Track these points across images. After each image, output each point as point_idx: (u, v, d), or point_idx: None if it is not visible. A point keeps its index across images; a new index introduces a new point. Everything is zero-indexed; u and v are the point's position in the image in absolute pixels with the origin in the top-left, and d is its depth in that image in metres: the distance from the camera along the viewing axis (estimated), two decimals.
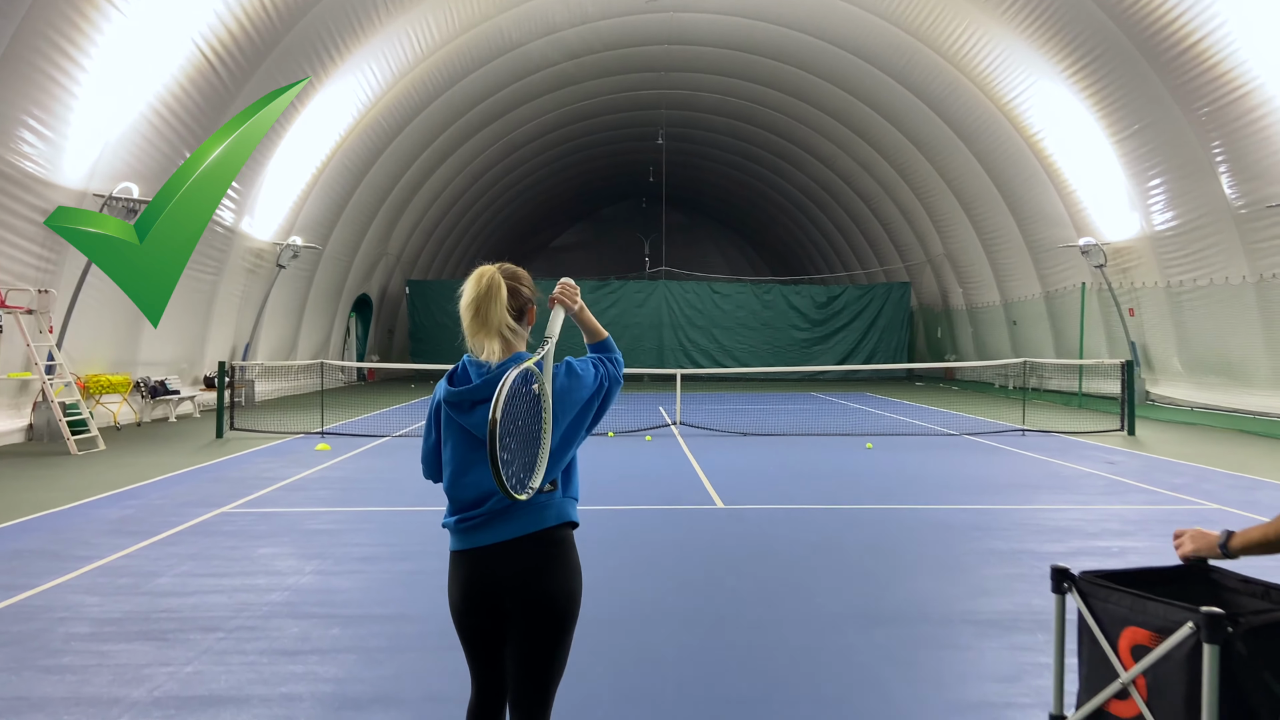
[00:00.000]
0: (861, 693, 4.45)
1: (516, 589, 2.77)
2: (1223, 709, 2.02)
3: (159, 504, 9.35)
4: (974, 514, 8.94)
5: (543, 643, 2.80)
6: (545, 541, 2.77)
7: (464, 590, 2.85)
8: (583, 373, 2.86)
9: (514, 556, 2.74)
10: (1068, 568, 2.39)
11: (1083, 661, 2.36)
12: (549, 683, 2.83)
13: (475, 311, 2.77)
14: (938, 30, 22.44)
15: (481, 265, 2.87)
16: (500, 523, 2.76)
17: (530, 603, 2.77)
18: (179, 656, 4.93)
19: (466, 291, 2.80)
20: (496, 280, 2.80)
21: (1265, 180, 16.80)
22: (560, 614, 2.80)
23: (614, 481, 10.82)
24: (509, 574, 2.76)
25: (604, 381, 2.92)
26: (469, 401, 2.80)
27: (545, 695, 2.84)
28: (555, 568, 2.79)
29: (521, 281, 2.93)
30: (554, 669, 2.84)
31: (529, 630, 2.79)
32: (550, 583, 2.78)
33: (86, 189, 14.95)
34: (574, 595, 2.83)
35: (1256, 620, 2.05)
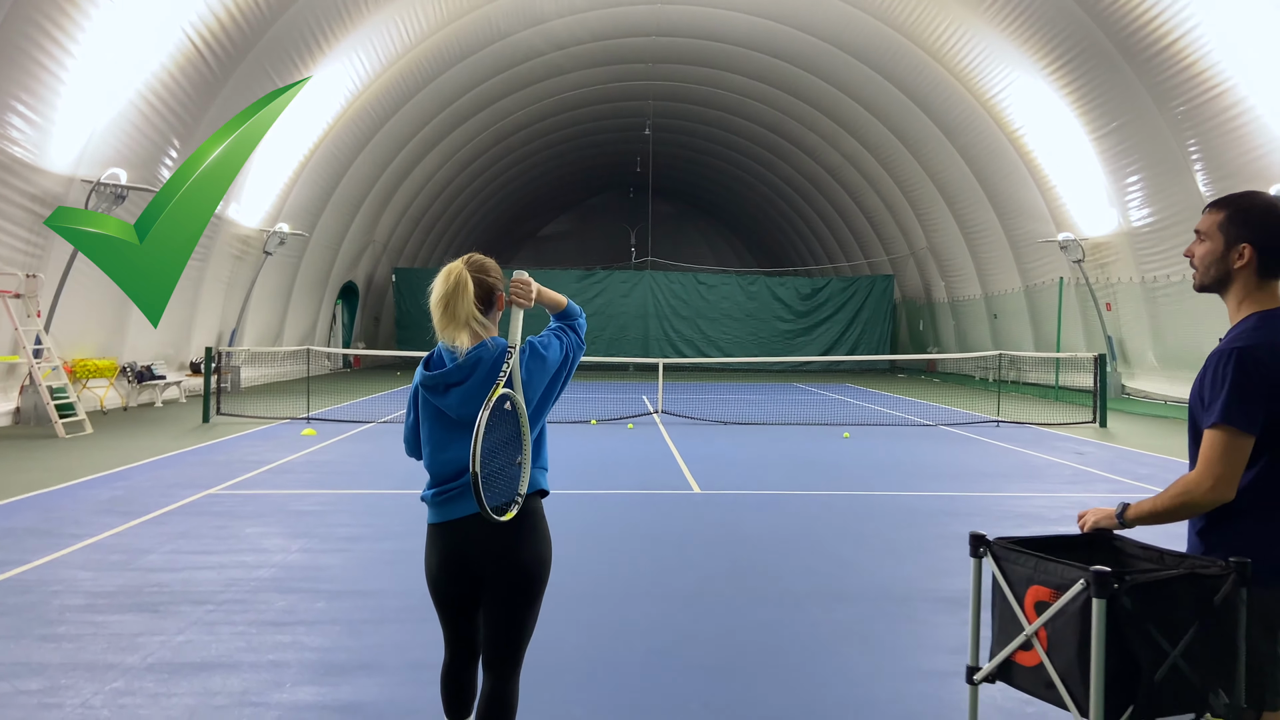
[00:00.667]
0: (820, 662, 4.72)
1: (491, 558, 3.01)
2: (1110, 657, 2.27)
3: (147, 486, 9.55)
4: (942, 500, 9.23)
5: (515, 607, 3.05)
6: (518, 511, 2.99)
7: (442, 560, 3.08)
8: (546, 351, 3.08)
9: (488, 526, 2.96)
10: (984, 534, 2.65)
11: (995, 617, 2.61)
12: (520, 643, 3.09)
13: (445, 308, 2.96)
14: (922, 26, 22.69)
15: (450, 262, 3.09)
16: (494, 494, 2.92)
17: (504, 570, 3.01)
18: (170, 627, 5.15)
19: (435, 289, 3.00)
20: (464, 277, 2.99)
21: (1239, 179, 17.12)
22: (531, 579, 3.04)
23: (595, 467, 11.07)
24: (483, 543, 3.00)
25: (568, 351, 3.16)
26: (443, 384, 3.02)
27: (517, 654, 3.10)
28: (527, 536, 3.03)
29: (488, 273, 3.12)
30: (525, 630, 3.09)
31: (503, 595, 3.03)
32: (523, 550, 3.02)
33: (74, 175, 15.06)
34: (544, 561, 3.08)
35: (1141, 578, 2.30)
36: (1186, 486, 2.49)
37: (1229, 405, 2.43)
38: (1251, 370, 2.43)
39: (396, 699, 4.20)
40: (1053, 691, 2.40)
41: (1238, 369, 2.44)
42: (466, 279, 3.00)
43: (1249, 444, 2.44)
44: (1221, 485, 2.44)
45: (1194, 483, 2.48)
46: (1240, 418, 2.42)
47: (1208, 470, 2.45)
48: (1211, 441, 2.46)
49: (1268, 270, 2.59)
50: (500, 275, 3.20)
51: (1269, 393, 2.44)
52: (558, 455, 11.88)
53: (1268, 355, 2.46)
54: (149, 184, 16.71)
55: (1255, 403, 2.42)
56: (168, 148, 17.14)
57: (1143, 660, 2.28)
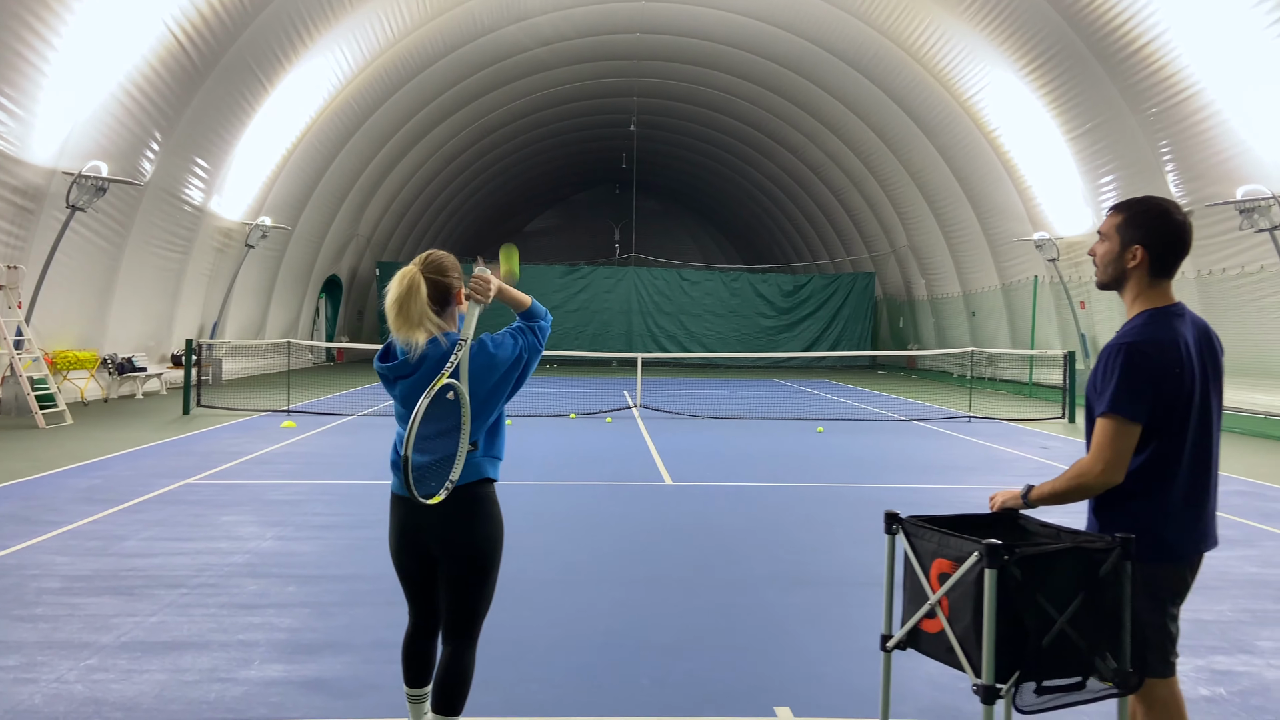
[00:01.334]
0: (773, 642, 4.92)
1: (439, 537, 3.23)
2: (1002, 624, 2.47)
3: (126, 475, 9.68)
4: (907, 492, 9.46)
5: (467, 584, 3.26)
6: (463, 495, 3.18)
7: (397, 532, 3.34)
8: (497, 350, 3.22)
9: (436, 507, 3.12)
10: (898, 512, 2.86)
11: (905, 589, 2.82)
12: (474, 616, 3.30)
13: (398, 310, 3.10)
14: (901, 26, 22.93)
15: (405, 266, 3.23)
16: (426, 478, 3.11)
17: (451, 549, 3.23)
18: (144, 608, 5.31)
19: (390, 292, 3.12)
20: (417, 280, 3.14)
21: (1206, 180, 17.44)
22: (480, 557, 3.24)
23: (570, 460, 11.25)
24: (432, 522, 3.21)
25: (523, 353, 3.29)
26: (392, 376, 3.25)
27: (472, 627, 3.31)
28: (473, 519, 3.22)
29: (445, 273, 3.26)
30: (479, 605, 3.30)
31: (454, 572, 3.25)
32: (469, 532, 3.22)
33: (55, 167, 15.12)
34: (492, 541, 3.27)
35: (1029, 550, 2.51)
36: (1080, 470, 2.71)
37: (1117, 396, 2.64)
38: (1139, 364, 2.65)
39: (360, 675, 4.37)
40: (953, 656, 2.61)
41: (1125, 363, 2.65)
42: (419, 281, 3.14)
43: (1136, 431, 2.65)
44: (1111, 469, 2.65)
45: (1087, 466, 2.69)
46: (1127, 407, 2.63)
47: (1099, 455, 2.67)
48: (1102, 429, 2.67)
49: (1158, 270, 2.80)
50: (459, 273, 3.34)
51: (1154, 385, 2.65)
52: (533, 448, 12.07)
53: (1154, 350, 2.67)
54: (130, 177, 16.78)
55: (1141, 394, 2.63)
56: (149, 140, 17.20)
57: (1030, 626, 2.48)
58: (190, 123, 18.16)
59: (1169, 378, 2.66)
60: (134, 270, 18.42)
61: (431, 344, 3.16)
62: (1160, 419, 2.68)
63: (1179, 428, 2.70)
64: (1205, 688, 4.39)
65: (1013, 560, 2.46)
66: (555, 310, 35.68)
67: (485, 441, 3.27)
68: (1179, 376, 2.67)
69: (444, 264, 3.28)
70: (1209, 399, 2.78)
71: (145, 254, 18.69)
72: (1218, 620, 5.45)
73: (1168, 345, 2.69)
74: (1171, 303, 2.81)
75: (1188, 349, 2.72)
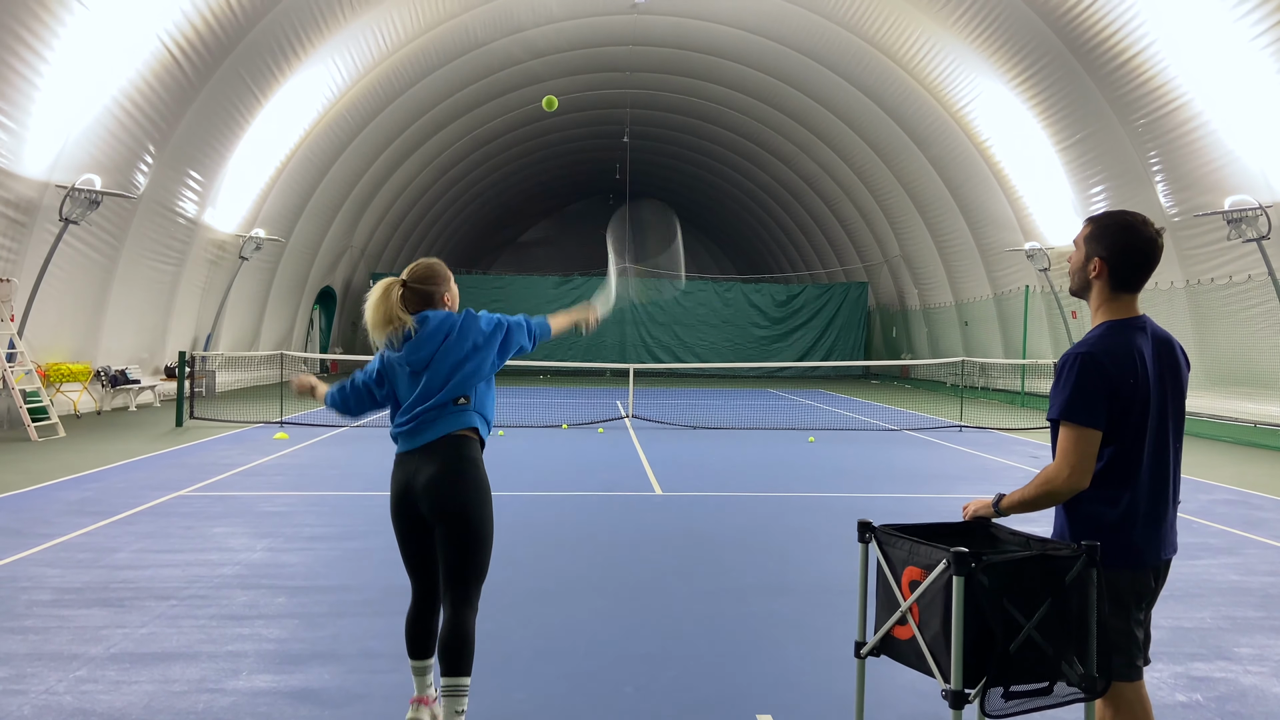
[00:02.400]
0: (755, 650, 4.97)
1: (428, 497, 3.51)
2: (970, 630, 2.53)
3: (118, 487, 9.70)
4: (894, 501, 9.52)
5: (456, 545, 3.51)
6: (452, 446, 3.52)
7: (395, 495, 3.63)
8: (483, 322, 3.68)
9: (429, 464, 3.51)
10: (870, 521, 2.91)
11: (878, 596, 2.88)
12: (468, 580, 3.54)
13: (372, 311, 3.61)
14: (892, 38, 23.09)
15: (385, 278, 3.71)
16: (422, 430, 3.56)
17: (439, 510, 3.50)
18: (134, 620, 5.34)
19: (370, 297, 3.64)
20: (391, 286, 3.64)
21: (1196, 190, 17.57)
22: (468, 520, 3.51)
23: (561, 470, 11.29)
24: (425, 479, 3.50)
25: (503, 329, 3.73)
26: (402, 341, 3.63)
27: (469, 590, 3.55)
28: (458, 480, 3.51)
29: (428, 282, 3.70)
30: (472, 569, 3.54)
31: (443, 534, 3.52)
32: (455, 492, 3.49)
33: (49, 180, 15.17)
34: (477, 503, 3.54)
35: (996, 558, 2.56)
36: (1047, 476, 2.78)
37: (1071, 403, 2.73)
38: (1092, 372, 2.73)
39: (347, 685, 4.41)
40: (923, 661, 2.66)
41: (1080, 372, 2.74)
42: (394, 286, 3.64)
43: (1096, 437, 2.73)
44: (1076, 474, 2.72)
45: (1053, 472, 2.76)
46: (1083, 414, 2.71)
47: (1063, 461, 2.74)
48: (1063, 436, 2.75)
49: (1118, 283, 2.87)
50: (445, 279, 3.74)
51: (1109, 393, 2.73)
52: (525, 459, 12.11)
53: (1108, 360, 2.75)
54: (124, 190, 16.83)
55: (1095, 401, 2.72)
56: (143, 153, 17.25)
57: (998, 632, 2.54)
58: (184, 135, 18.22)
59: (1123, 387, 2.74)
60: (127, 283, 18.45)
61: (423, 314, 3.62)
62: (1117, 427, 2.76)
63: (1136, 436, 2.78)
64: (1182, 694, 4.45)
65: (980, 568, 2.52)
66: None
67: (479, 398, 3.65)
68: (1133, 386, 2.75)
69: (427, 273, 3.71)
70: (1166, 409, 2.85)
71: (139, 266, 18.73)
72: (1198, 627, 5.50)
73: (1122, 355, 2.76)
74: (1133, 315, 2.89)
75: (1143, 359, 2.79)
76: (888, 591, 2.81)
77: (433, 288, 3.67)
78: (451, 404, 3.55)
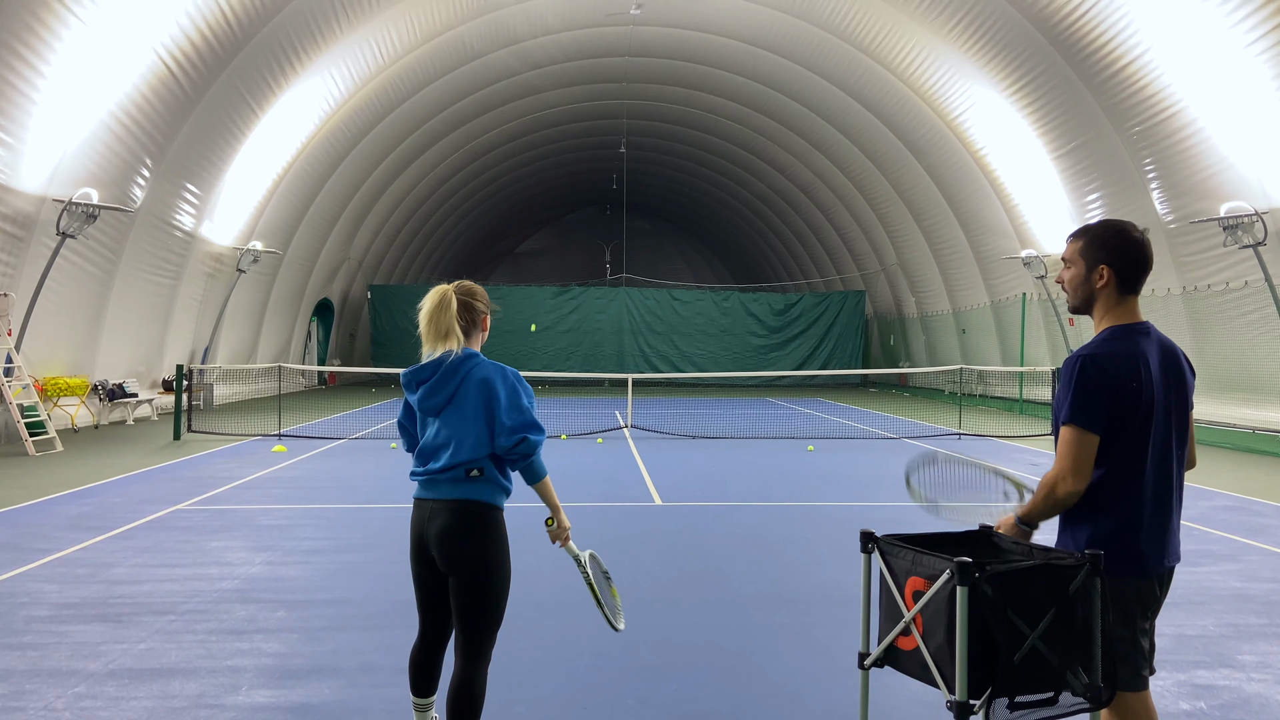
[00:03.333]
0: (756, 661, 4.95)
1: (441, 548, 3.43)
2: (974, 640, 2.52)
3: (116, 502, 9.67)
4: (892, 510, 9.50)
5: (469, 599, 3.43)
6: (464, 508, 3.42)
7: (412, 534, 3.55)
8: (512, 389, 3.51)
9: (440, 515, 3.43)
10: (873, 531, 2.90)
11: (881, 607, 2.86)
12: (478, 633, 3.44)
13: (429, 320, 3.46)
14: (887, 47, 23.17)
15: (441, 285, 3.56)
16: (436, 484, 3.48)
17: (451, 561, 3.43)
18: (133, 635, 5.32)
19: (424, 305, 3.49)
20: (449, 295, 3.50)
21: (1191, 196, 17.61)
22: (479, 575, 3.42)
23: (561, 480, 11.26)
24: (436, 530, 3.44)
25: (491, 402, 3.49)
26: (414, 381, 3.52)
27: (480, 644, 3.45)
28: (472, 535, 3.41)
29: (475, 297, 3.60)
30: (482, 623, 3.44)
31: (458, 586, 3.44)
32: (467, 546, 3.41)
33: (46, 194, 15.17)
34: (490, 559, 3.44)
35: (999, 567, 2.55)
36: (1046, 482, 2.78)
37: (1073, 406, 2.73)
38: (1094, 375, 2.74)
39: (347, 700, 4.39)
40: (928, 673, 2.65)
41: (1081, 374, 2.74)
42: (451, 297, 3.50)
43: (1094, 441, 2.73)
44: (1072, 476, 2.73)
45: (1051, 477, 2.77)
46: (1082, 417, 2.72)
47: (1060, 464, 2.75)
48: (1062, 438, 2.75)
49: (1125, 287, 2.88)
50: (487, 303, 3.67)
51: (1109, 397, 2.73)
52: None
53: (1110, 363, 2.75)
54: (121, 203, 16.83)
55: (1096, 404, 2.72)
56: (140, 167, 17.26)
57: (1002, 642, 2.53)
58: (181, 149, 18.24)
59: (1126, 391, 2.74)
60: (125, 296, 18.44)
61: (447, 354, 3.46)
62: (1120, 432, 2.75)
63: (1139, 442, 2.77)
64: (1186, 702, 4.43)
65: (983, 577, 2.51)
66: (547, 331, 35.91)
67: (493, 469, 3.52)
68: (1136, 391, 2.75)
69: (474, 290, 3.64)
70: (1170, 417, 2.85)
71: (136, 280, 18.71)
72: (1201, 635, 5.49)
73: (1126, 359, 2.77)
74: (1137, 320, 2.89)
75: (1148, 365, 2.80)
76: (891, 602, 2.80)
77: (480, 305, 3.60)
78: (465, 474, 3.42)
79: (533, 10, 24.37)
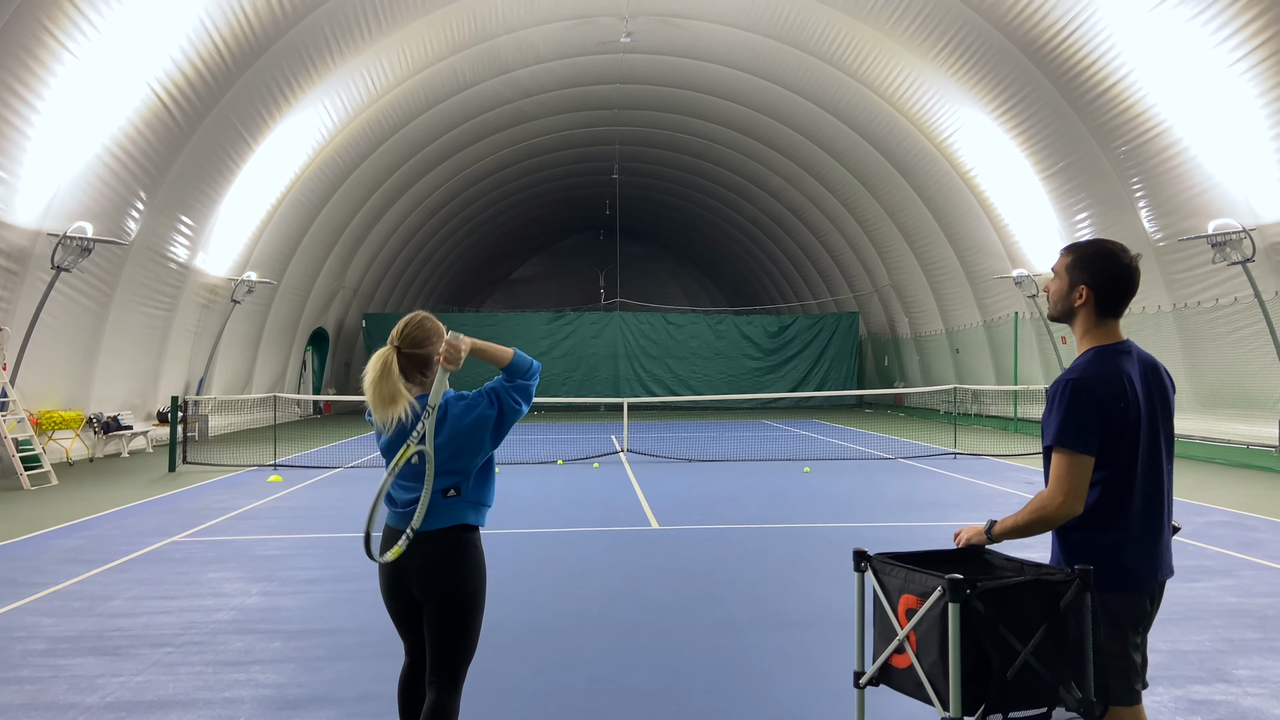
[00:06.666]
0: (755, 685, 4.95)
1: (419, 580, 3.32)
2: (967, 656, 2.55)
3: (111, 534, 9.64)
4: (890, 530, 9.52)
5: (447, 627, 3.33)
6: (442, 539, 3.29)
7: (384, 574, 3.42)
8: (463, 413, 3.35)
9: (418, 550, 3.26)
10: (865, 550, 2.93)
11: (875, 625, 2.89)
12: (456, 661, 3.35)
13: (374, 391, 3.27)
14: (875, 72, 23.39)
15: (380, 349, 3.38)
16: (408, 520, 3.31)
17: (430, 593, 3.32)
18: (129, 668, 5.31)
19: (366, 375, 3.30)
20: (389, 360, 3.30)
21: (1180, 215, 17.76)
22: (458, 603, 3.32)
23: (557, 506, 11.27)
24: (414, 565, 3.31)
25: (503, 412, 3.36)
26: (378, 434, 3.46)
27: (454, 672, 3.35)
28: (451, 564, 3.31)
29: (422, 345, 3.38)
30: (460, 650, 3.35)
31: (435, 614, 3.33)
32: (447, 576, 3.30)
33: (40, 229, 15.21)
34: (470, 586, 3.34)
35: (990, 584, 2.59)
36: (1041, 503, 2.80)
37: (1065, 429, 2.76)
38: (1084, 398, 2.77)
39: None
40: (922, 690, 2.67)
41: (1071, 398, 2.78)
42: (391, 360, 3.31)
43: (1089, 463, 2.76)
44: (1070, 499, 2.75)
45: (1047, 498, 2.79)
46: (1075, 440, 2.75)
47: (1057, 487, 2.76)
48: (1057, 462, 2.77)
49: (1104, 310, 2.92)
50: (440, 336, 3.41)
51: (1099, 418, 2.77)
52: (520, 495, 12.08)
53: (1098, 385, 2.79)
54: (115, 236, 16.88)
55: (1088, 426, 2.75)
56: (134, 200, 17.33)
57: (994, 658, 2.55)
58: (175, 181, 18.32)
59: (1114, 412, 2.78)
60: (119, 329, 18.45)
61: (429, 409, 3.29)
62: (1109, 451, 2.79)
63: (1128, 460, 2.81)
64: (1183, 717, 4.45)
65: (975, 594, 2.54)
66: (542, 357, 35.81)
67: (473, 487, 3.38)
68: (1124, 410, 2.79)
69: (420, 335, 3.39)
70: (1157, 432, 2.89)
71: (131, 312, 18.73)
72: (1197, 650, 5.50)
73: (1111, 380, 2.81)
74: (1119, 340, 2.94)
75: (1132, 384, 2.84)
76: (885, 620, 2.82)
77: (429, 349, 3.38)
78: (441, 495, 3.28)
79: (524, 40, 24.59)
